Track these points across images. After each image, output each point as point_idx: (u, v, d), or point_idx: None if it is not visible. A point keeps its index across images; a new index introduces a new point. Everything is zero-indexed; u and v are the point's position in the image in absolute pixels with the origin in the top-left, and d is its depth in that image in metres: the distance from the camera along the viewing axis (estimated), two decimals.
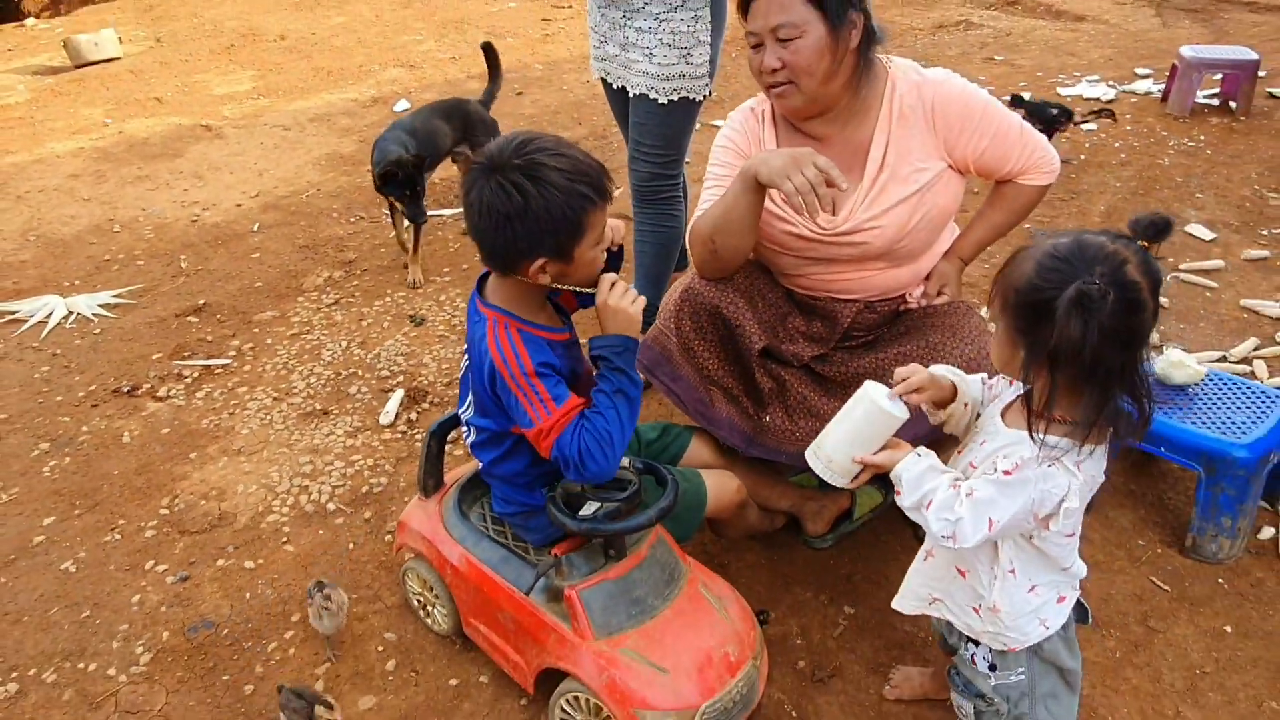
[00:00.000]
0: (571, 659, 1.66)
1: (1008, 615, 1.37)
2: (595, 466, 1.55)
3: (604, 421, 1.56)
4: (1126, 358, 1.20)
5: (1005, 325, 1.29)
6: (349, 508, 2.41)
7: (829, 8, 1.77)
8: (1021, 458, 1.28)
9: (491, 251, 1.56)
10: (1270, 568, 2.11)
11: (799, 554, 2.19)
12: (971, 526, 1.26)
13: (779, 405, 2.03)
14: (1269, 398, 2.16)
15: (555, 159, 1.49)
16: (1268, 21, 6.45)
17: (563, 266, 1.55)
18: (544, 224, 1.48)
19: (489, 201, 1.48)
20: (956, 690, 1.51)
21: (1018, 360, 1.28)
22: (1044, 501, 1.25)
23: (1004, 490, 1.26)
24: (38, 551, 2.31)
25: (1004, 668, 1.43)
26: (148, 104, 5.79)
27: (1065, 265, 1.19)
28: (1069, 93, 5.15)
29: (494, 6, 8.22)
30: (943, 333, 1.92)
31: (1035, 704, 1.44)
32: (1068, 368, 1.20)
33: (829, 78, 1.83)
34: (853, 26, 1.81)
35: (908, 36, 6.69)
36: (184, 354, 3.13)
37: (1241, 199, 3.82)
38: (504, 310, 1.61)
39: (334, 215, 4.19)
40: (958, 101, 1.89)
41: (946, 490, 1.30)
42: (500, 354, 1.56)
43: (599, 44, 2.76)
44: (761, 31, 1.81)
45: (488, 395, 1.64)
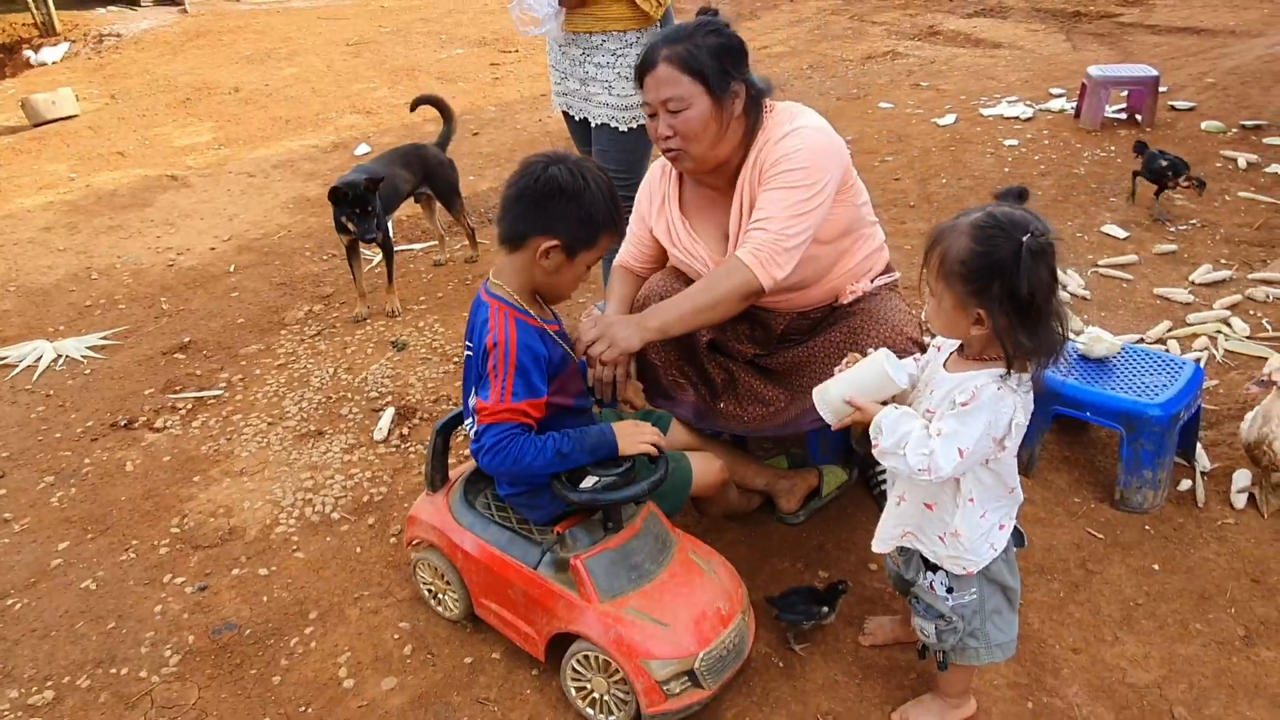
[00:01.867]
0: (580, 621, 1.85)
1: (967, 539, 1.60)
2: (489, 464, 1.80)
3: (534, 452, 1.77)
4: (1053, 296, 1.46)
5: (954, 294, 1.49)
6: (353, 516, 2.57)
7: (711, 82, 1.97)
8: (976, 387, 1.50)
9: (522, 219, 1.76)
10: (1190, 514, 2.38)
11: (774, 530, 2.41)
12: (944, 457, 1.48)
13: (731, 395, 2.29)
14: (1177, 364, 2.45)
15: (597, 177, 1.78)
16: (1168, 42, 6.98)
17: (561, 261, 1.78)
18: (579, 213, 1.74)
19: (554, 175, 1.73)
20: (918, 615, 1.72)
21: (968, 319, 1.49)
22: (998, 422, 1.48)
23: (964, 420, 1.49)
24: (56, 574, 2.43)
25: (959, 589, 1.66)
26: (111, 158, 5.90)
27: (1000, 230, 1.43)
28: (990, 113, 5.55)
29: (443, 54, 8.48)
30: (862, 318, 2.16)
31: (985, 620, 1.67)
32: (1027, 308, 1.43)
33: (715, 143, 2.03)
34: (735, 96, 2.01)
35: (839, 67, 7.09)
36: (175, 388, 3.26)
37: (1151, 201, 4.18)
38: (504, 300, 1.81)
39: (307, 254, 4.35)
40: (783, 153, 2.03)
41: (920, 431, 1.53)
42: (493, 335, 1.77)
43: (560, 80, 2.99)
44: (654, 103, 2.03)
45: (482, 370, 1.82)
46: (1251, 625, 2.04)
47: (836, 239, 2.15)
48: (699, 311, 2.01)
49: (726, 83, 1.99)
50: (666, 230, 2.25)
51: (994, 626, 1.68)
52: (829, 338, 2.19)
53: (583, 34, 2.79)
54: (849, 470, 2.48)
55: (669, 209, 2.25)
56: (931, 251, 1.50)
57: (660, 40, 2.02)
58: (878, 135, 5.40)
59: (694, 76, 1.97)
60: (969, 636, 1.69)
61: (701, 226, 2.21)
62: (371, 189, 3.41)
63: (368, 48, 8.75)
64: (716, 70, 1.97)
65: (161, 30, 9.64)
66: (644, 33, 2.77)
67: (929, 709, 1.85)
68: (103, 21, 9.93)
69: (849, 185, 2.14)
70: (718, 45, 1.99)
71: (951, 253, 1.47)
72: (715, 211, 2.19)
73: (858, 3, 9.49)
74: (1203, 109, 5.28)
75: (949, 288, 1.50)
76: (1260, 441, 2.23)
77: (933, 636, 1.70)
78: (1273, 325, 3.17)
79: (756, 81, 2.06)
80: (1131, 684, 1.92)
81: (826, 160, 2.02)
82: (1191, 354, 3.02)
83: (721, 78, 1.98)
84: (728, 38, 2.02)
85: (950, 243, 1.48)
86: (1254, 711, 1.84)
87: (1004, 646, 1.71)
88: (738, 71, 2.01)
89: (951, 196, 4.44)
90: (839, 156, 2.07)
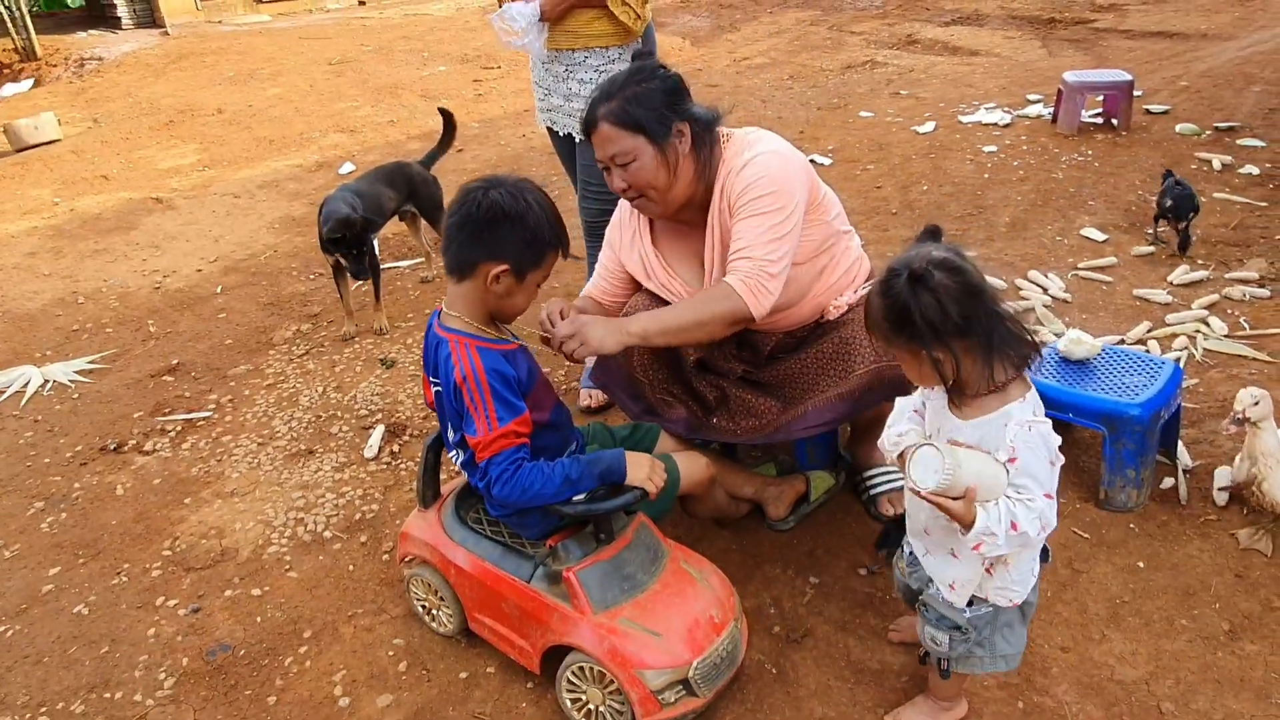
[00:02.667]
0: (574, 633, 1.86)
1: (1015, 570, 1.59)
2: (502, 495, 1.78)
3: (543, 480, 1.78)
4: (984, 306, 1.45)
5: (897, 348, 1.51)
6: (345, 534, 2.58)
7: (650, 131, 1.98)
8: (1010, 441, 1.47)
9: (468, 247, 1.78)
10: (1173, 511, 2.41)
11: (765, 536, 2.43)
12: (1050, 510, 1.47)
13: (723, 411, 2.31)
14: (1156, 364, 2.48)
15: (537, 197, 1.80)
16: (1142, 46, 7.08)
17: (512, 284, 1.80)
18: (524, 235, 1.76)
19: (496, 200, 1.74)
20: (929, 624, 1.71)
21: (927, 364, 1.48)
22: (1050, 446, 1.48)
23: (1027, 468, 1.46)
24: (48, 599, 2.42)
25: (978, 602, 1.65)
26: (95, 181, 5.91)
27: (895, 276, 1.46)
28: (969, 120, 5.61)
29: (425, 71, 8.53)
30: (853, 328, 2.17)
31: (995, 631, 1.67)
32: (949, 336, 1.44)
33: (670, 185, 2.04)
34: (679, 135, 2.02)
35: (820, 77, 7.17)
36: (165, 410, 3.26)
37: (1128, 204, 4.24)
38: (460, 331, 1.82)
39: (294, 273, 4.36)
40: (747, 182, 2.05)
41: (1016, 506, 1.45)
42: (460, 370, 1.78)
43: (544, 96, 3.02)
44: (604, 160, 2.06)
45: (453, 409, 1.84)
46: (1235, 620, 2.06)
47: (813, 257, 2.17)
48: (684, 329, 2.00)
49: (666, 127, 2.00)
50: (640, 265, 2.26)
51: (1002, 639, 1.69)
52: (821, 349, 2.21)
53: (565, 51, 2.82)
54: (836, 475, 2.51)
55: (641, 243, 2.26)
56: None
57: (597, 98, 2.03)
58: (859, 144, 5.45)
59: (632, 130, 1.99)
60: (976, 646, 1.69)
61: (675, 259, 2.23)
62: (366, 229, 3.46)
63: (350, 67, 8.79)
64: (653, 118, 1.99)
65: (143, 53, 9.65)
66: (625, 48, 2.81)
67: (922, 711, 1.87)
68: (84, 45, 9.94)
69: (818, 203, 2.15)
70: (650, 91, 2.00)
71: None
72: (688, 243, 2.21)
73: (836, 13, 9.60)
74: (1177, 112, 5.36)
75: (890, 344, 1.53)
76: (1250, 482, 2.21)
77: (945, 646, 1.70)
78: (1250, 323, 3.22)
79: (701, 114, 2.07)
80: (1120, 681, 1.94)
81: (791, 182, 2.04)
82: (1171, 354, 3.06)
83: (660, 124, 1.99)
84: (661, 80, 2.03)
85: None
86: (1239, 704, 1.86)
87: (1009, 658, 1.71)
88: (677, 112, 2.02)
89: (933, 203, 4.49)
90: (802, 176, 2.08)
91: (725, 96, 6.83)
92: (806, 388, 2.22)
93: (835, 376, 2.15)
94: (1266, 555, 2.22)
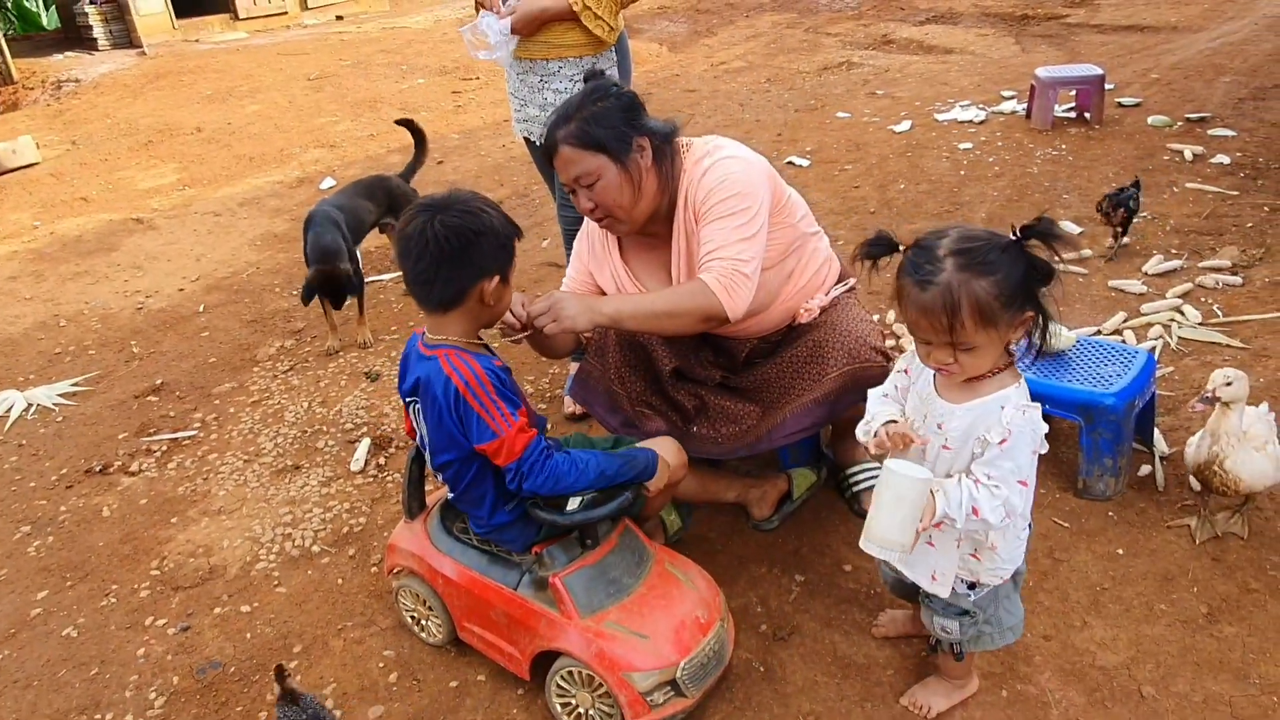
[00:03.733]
0: (562, 638, 1.88)
1: (1004, 550, 1.62)
2: (534, 485, 1.78)
3: (576, 473, 1.80)
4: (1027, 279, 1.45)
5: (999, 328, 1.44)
6: (333, 548, 2.58)
7: (611, 149, 2.00)
8: (1006, 423, 1.49)
9: (450, 277, 1.76)
10: (1150, 498, 2.44)
11: (750, 537, 2.45)
12: (1016, 498, 1.49)
13: (703, 419, 2.31)
14: (1130, 354, 2.52)
15: (481, 200, 1.82)
16: (1113, 40, 7.16)
17: (501, 290, 1.82)
18: (496, 240, 1.78)
19: (454, 225, 1.73)
20: (938, 614, 1.74)
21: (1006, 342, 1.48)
22: (1036, 437, 1.51)
23: (1012, 455, 1.49)
24: (36, 623, 2.42)
25: (979, 585, 1.70)
26: (74, 204, 5.89)
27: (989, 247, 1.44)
28: (944, 118, 5.67)
29: (403, 84, 8.54)
30: (826, 330, 2.21)
31: (998, 607, 1.73)
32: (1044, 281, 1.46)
33: (636, 201, 2.06)
34: (640, 150, 2.03)
35: (796, 80, 7.22)
36: (149, 430, 3.26)
37: (1102, 196, 4.28)
38: (449, 345, 1.82)
39: (276, 290, 4.37)
40: (709, 188, 2.07)
41: (979, 490, 1.49)
42: (459, 375, 1.77)
43: (520, 107, 3.04)
44: (568, 182, 2.07)
45: (452, 421, 1.81)
46: (1213, 603, 2.10)
47: (781, 260, 2.19)
48: (657, 316, 2.01)
49: (627, 144, 2.02)
50: (611, 279, 2.28)
51: (1006, 612, 1.74)
52: (796, 352, 2.24)
53: (539, 61, 2.84)
54: (818, 472, 2.53)
55: (610, 258, 2.28)
56: (954, 317, 1.43)
57: (555, 122, 2.05)
58: (836, 144, 5.50)
59: (593, 149, 2.00)
60: (985, 624, 1.74)
61: (644, 272, 2.25)
62: (347, 278, 3.51)
63: (329, 82, 8.79)
64: (613, 136, 2.00)
65: (120, 74, 9.63)
66: (599, 58, 2.83)
67: (936, 690, 1.91)
68: (60, 68, 9.92)
69: (782, 205, 2.17)
70: (608, 110, 2.02)
71: (979, 295, 1.42)
72: (656, 255, 2.23)
73: (811, 15, 9.67)
74: (1149, 104, 5.43)
75: (993, 327, 1.44)
76: (1210, 462, 2.13)
77: (957, 632, 1.74)
78: (1223, 311, 3.27)
79: (658, 127, 2.09)
80: (1101, 666, 1.97)
81: (754, 184, 2.06)
82: (1147, 343, 3.10)
83: (619, 141, 2.01)
84: (617, 97, 2.06)
85: (965, 293, 1.42)
86: (1218, 686, 1.90)
87: (1014, 629, 1.77)
88: (635, 127, 2.04)
89: (910, 202, 4.54)
90: (765, 178, 2.10)
91: (702, 101, 6.88)
92: (783, 392, 2.23)
93: (810, 380, 2.18)
94: (1243, 538, 2.25)
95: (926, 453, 1.61)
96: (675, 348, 2.32)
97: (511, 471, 1.79)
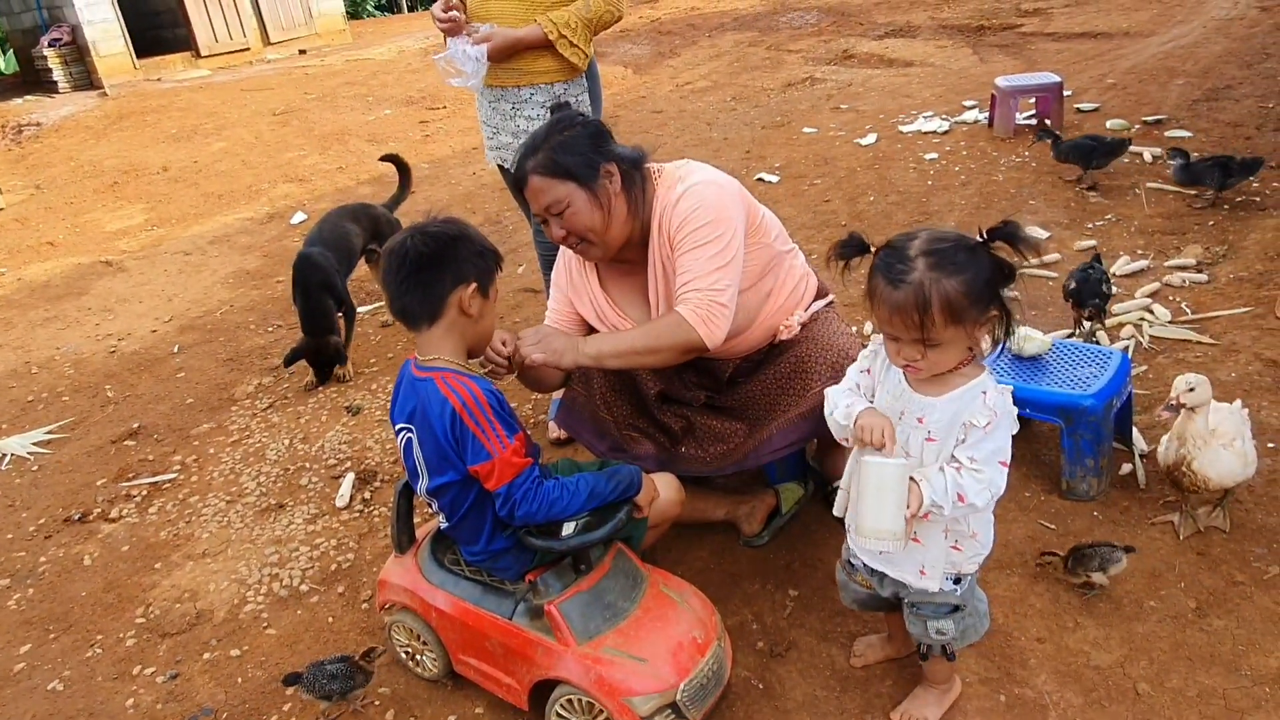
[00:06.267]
0: (560, 666, 1.86)
1: (983, 535, 1.68)
2: (527, 512, 1.78)
3: (567, 495, 1.80)
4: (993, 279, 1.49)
5: (967, 325, 1.48)
6: (321, 586, 2.56)
7: (579, 176, 2.03)
8: (990, 406, 1.54)
9: (430, 286, 1.79)
10: (1134, 496, 2.48)
11: (742, 554, 2.45)
12: (999, 479, 1.54)
13: (691, 439, 2.33)
14: (1106, 355, 2.57)
15: (464, 221, 1.87)
16: (1068, 48, 7.32)
17: (482, 304, 1.84)
18: (473, 247, 1.82)
19: (431, 234, 1.78)
20: (930, 618, 1.75)
21: (971, 338, 1.52)
22: (1012, 416, 1.57)
23: (995, 437, 1.55)
24: (21, 678, 2.37)
25: (962, 577, 1.73)
26: (41, 249, 5.82)
27: (956, 248, 1.50)
28: (909, 129, 5.75)
29: (371, 115, 8.54)
30: (808, 345, 2.23)
31: (973, 595, 1.77)
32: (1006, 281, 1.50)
33: (608, 226, 2.09)
34: (608, 176, 2.06)
35: (761, 97, 7.30)
36: (129, 475, 3.22)
37: (1066, 200, 4.37)
38: (444, 368, 1.82)
39: (251, 327, 4.33)
40: (683, 216, 2.09)
41: (962, 476, 1.53)
42: (457, 396, 1.77)
43: (492, 134, 3.06)
44: (540, 212, 2.11)
45: (448, 443, 1.80)
46: (1201, 597, 2.13)
47: (758, 281, 2.22)
48: (637, 353, 2.05)
49: (595, 170, 2.05)
50: (591, 308, 2.30)
51: (978, 599, 1.78)
52: (779, 369, 2.25)
53: (511, 88, 2.86)
54: (805, 485, 2.55)
55: (590, 286, 2.30)
56: (925, 314, 1.47)
57: (523, 154, 2.08)
58: (804, 160, 5.56)
59: (562, 177, 2.04)
60: (969, 616, 1.76)
61: (624, 299, 2.27)
62: (339, 349, 3.58)
63: (295, 116, 8.77)
64: (580, 163, 2.04)
65: (83, 115, 9.55)
66: (571, 84, 2.85)
67: (926, 701, 1.91)
68: (20, 111, 9.82)
69: (756, 225, 2.20)
70: (575, 138, 2.06)
71: (949, 293, 1.46)
72: (633, 280, 2.25)
73: (773, 33, 9.80)
74: (1106, 109, 5.54)
75: (960, 324, 1.49)
76: (1179, 463, 2.19)
77: (951, 630, 1.74)
78: (1192, 308, 3.33)
79: (626, 154, 2.13)
80: (1096, 666, 1.99)
81: (728, 209, 2.08)
82: (1120, 343, 3.15)
83: (587, 168, 2.05)
84: (583, 126, 2.10)
85: (936, 291, 1.47)
86: (1211, 679, 1.92)
87: (987, 614, 1.81)
88: (601, 154, 2.07)
89: (880, 213, 4.59)
90: (738, 201, 2.12)
91: (670, 121, 6.93)
92: (768, 408, 2.25)
93: (795, 395, 2.19)
94: (1225, 532, 2.29)
95: (909, 447, 1.64)
96: (659, 371, 2.33)
97: (502, 497, 1.78)
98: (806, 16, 10.21)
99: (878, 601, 1.88)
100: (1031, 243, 1.50)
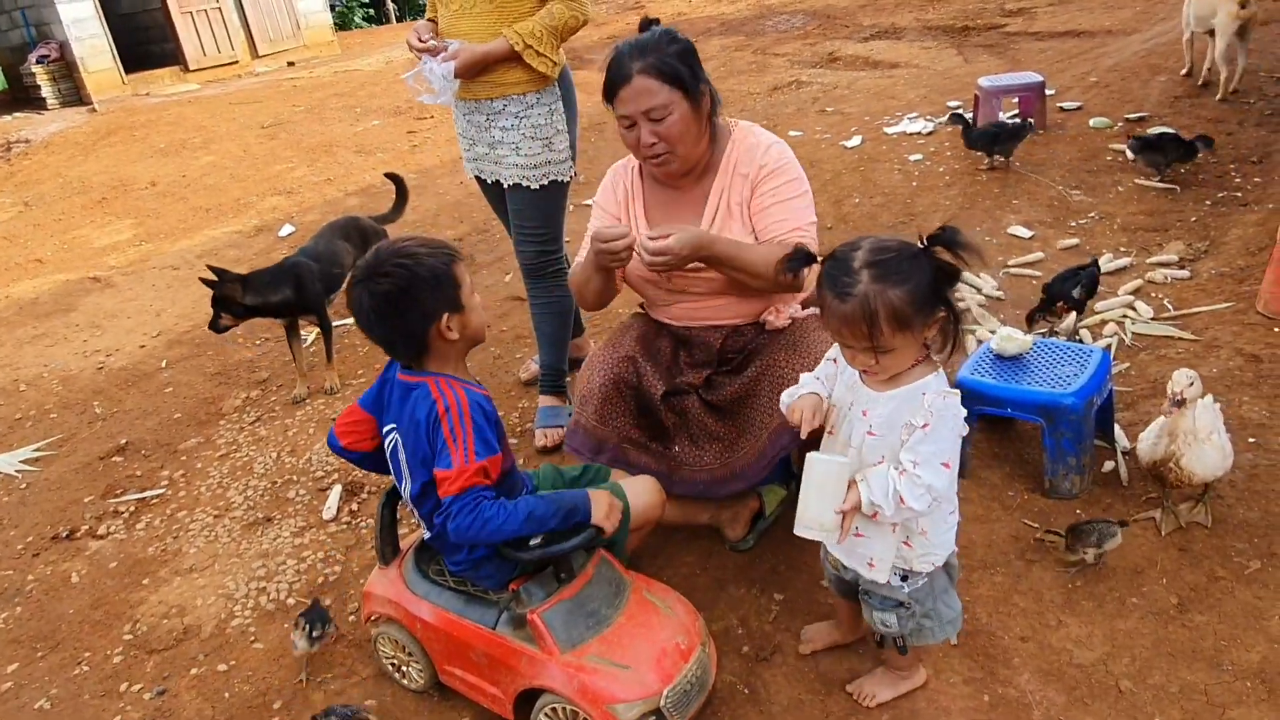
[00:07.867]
0: (544, 675, 1.87)
1: (934, 534, 1.69)
2: (458, 526, 1.74)
3: (504, 516, 1.76)
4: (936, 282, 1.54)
5: (914, 330, 1.54)
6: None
7: (686, 85, 2.12)
8: (928, 407, 1.57)
9: (403, 333, 1.82)
10: (1116, 493, 2.49)
11: (726, 558, 2.46)
12: (937, 481, 1.55)
13: (684, 436, 2.33)
14: (1086, 353, 2.58)
15: (404, 244, 1.85)
16: (1052, 47, 7.34)
17: (461, 317, 1.85)
18: (432, 282, 1.80)
19: (385, 289, 1.78)
20: (875, 608, 1.79)
21: (921, 340, 1.58)
22: (958, 422, 1.58)
23: (934, 438, 1.56)
24: (8, 697, 2.37)
25: (913, 576, 1.75)
26: (29, 266, 5.82)
27: (899, 258, 1.54)
28: (894, 131, 5.77)
29: (358, 127, 8.55)
30: (785, 351, 2.25)
31: (936, 600, 1.77)
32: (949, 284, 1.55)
33: (698, 141, 2.20)
34: (705, 96, 2.18)
35: (748, 100, 7.32)
36: (116, 492, 3.21)
37: (1050, 199, 4.39)
38: (438, 372, 1.86)
39: (239, 341, 4.33)
40: (774, 165, 2.23)
41: (901, 480, 1.56)
42: (444, 399, 1.80)
43: (469, 146, 3.06)
44: (634, 114, 2.13)
45: (425, 445, 1.83)
46: (1183, 593, 2.14)
47: None
48: (746, 266, 2.12)
49: (698, 84, 2.14)
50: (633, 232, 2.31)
51: (944, 605, 1.79)
52: (761, 370, 2.27)
53: (484, 100, 2.87)
54: (788, 487, 2.55)
55: (635, 210, 2.36)
56: (873, 325, 1.52)
57: (626, 53, 2.14)
58: None
59: (671, 84, 2.10)
60: (924, 618, 1.79)
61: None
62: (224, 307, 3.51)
63: (283, 128, 8.78)
64: (689, 74, 2.12)
65: (71, 131, 9.55)
66: (543, 93, 2.86)
67: (882, 680, 1.96)
68: (9, 128, 9.82)
69: None
70: (681, 50, 2.14)
71: (895, 303, 1.51)
72: (680, 210, 2.30)
73: (758, 36, 9.82)
74: (1089, 107, 5.57)
75: (909, 330, 1.54)
76: (1166, 459, 2.19)
77: (895, 625, 1.78)
78: (1174, 305, 3.35)
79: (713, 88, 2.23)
80: (1079, 664, 2.00)
81: (801, 170, 2.27)
82: (1102, 340, 3.17)
83: (694, 81, 2.13)
84: (686, 43, 2.17)
85: (881, 303, 1.51)
86: (1193, 675, 1.93)
87: (954, 622, 1.82)
88: (701, 74, 2.16)
89: (866, 215, 4.61)
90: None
91: None
92: (757, 409, 2.26)
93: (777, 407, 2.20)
94: (1207, 527, 2.30)
95: (852, 439, 1.70)
96: (659, 364, 2.36)
97: (442, 507, 1.78)
98: (792, 20, 10.24)
99: (844, 584, 1.91)
100: (972, 247, 1.52)
